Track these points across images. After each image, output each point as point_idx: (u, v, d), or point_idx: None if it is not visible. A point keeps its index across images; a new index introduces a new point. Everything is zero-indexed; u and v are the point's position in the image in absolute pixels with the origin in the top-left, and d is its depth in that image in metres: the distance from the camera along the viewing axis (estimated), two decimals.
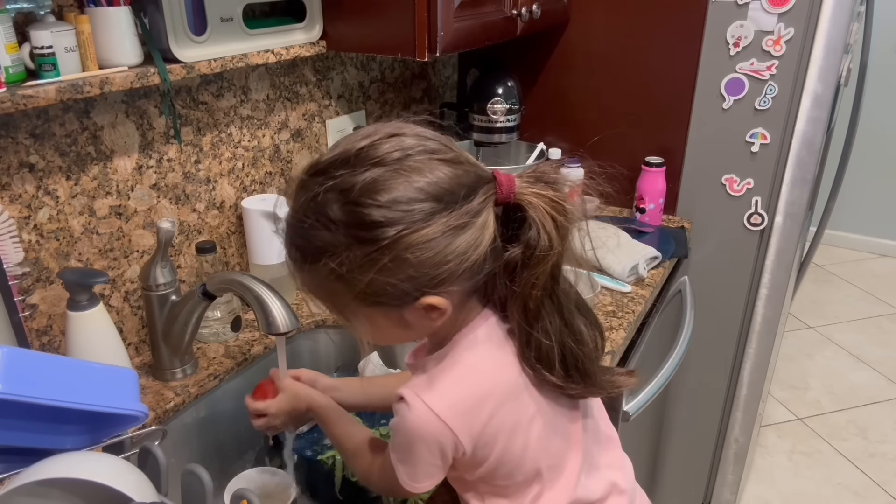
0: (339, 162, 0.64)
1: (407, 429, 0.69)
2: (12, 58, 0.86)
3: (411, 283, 0.64)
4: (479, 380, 0.71)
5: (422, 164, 0.63)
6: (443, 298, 0.66)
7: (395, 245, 0.61)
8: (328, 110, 1.44)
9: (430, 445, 0.69)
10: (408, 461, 0.72)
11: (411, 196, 0.61)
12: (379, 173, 0.62)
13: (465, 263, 0.64)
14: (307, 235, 0.65)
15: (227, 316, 1.17)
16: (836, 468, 2.23)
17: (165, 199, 1.14)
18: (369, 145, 0.63)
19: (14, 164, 0.92)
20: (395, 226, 0.61)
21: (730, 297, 1.70)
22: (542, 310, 0.69)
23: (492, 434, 0.70)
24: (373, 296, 0.65)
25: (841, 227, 3.59)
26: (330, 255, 0.63)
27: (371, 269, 0.62)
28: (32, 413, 0.68)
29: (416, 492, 0.74)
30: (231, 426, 1.14)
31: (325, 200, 0.63)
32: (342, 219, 0.62)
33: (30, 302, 0.97)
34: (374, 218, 0.61)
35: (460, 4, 1.23)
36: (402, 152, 0.63)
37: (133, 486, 0.68)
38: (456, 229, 0.62)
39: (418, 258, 0.62)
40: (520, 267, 0.67)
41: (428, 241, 0.61)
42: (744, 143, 1.54)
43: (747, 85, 1.49)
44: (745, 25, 1.45)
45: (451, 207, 0.62)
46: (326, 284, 0.67)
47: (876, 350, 2.83)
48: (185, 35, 1.04)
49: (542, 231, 0.65)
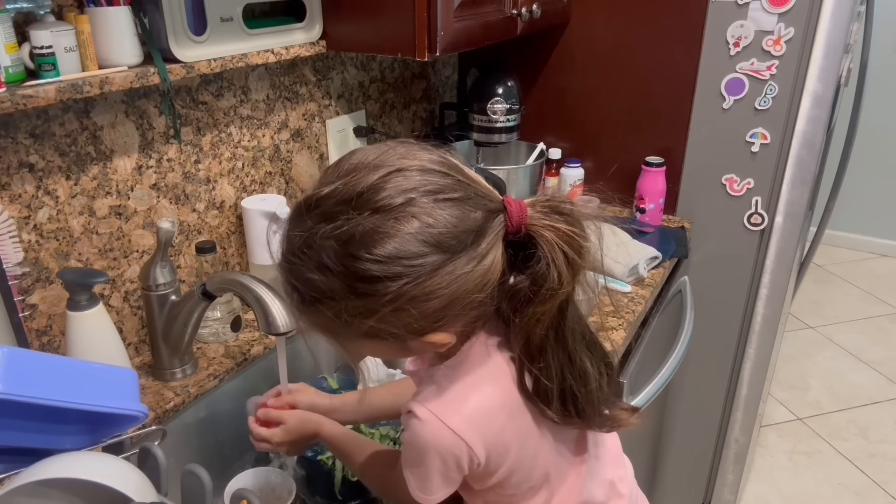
0: (338, 201, 0.59)
1: (420, 443, 0.67)
2: (12, 58, 0.86)
3: (415, 326, 0.61)
4: (491, 391, 0.69)
5: (426, 210, 0.58)
6: (446, 335, 0.64)
7: (398, 298, 0.58)
8: (328, 110, 1.44)
9: (445, 458, 0.67)
10: (421, 475, 0.70)
11: (412, 250, 0.57)
12: (379, 223, 0.57)
13: (470, 299, 0.61)
14: (303, 278, 0.61)
15: (227, 316, 1.17)
16: (836, 468, 2.23)
17: (165, 199, 1.14)
18: (370, 188, 0.59)
19: (14, 164, 0.92)
20: (397, 281, 0.58)
21: (730, 297, 1.70)
22: (546, 345, 0.66)
23: (504, 444, 0.69)
24: (375, 335, 0.62)
25: (841, 227, 3.59)
26: (328, 301, 0.60)
27: (371, 318, 0.60)
28: (32, 413, 0.68)
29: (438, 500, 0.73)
30: (231, 426, 1.14)
31: (322, 246, 0.59)
32: (339, 269, 0.58)
33: (30, 302, 0.97)
34: (373, 273, 0.57)
35: (460, 4, 1.23)
36: (404, 196, 0.58)
37: (133, 486, 0.68)
38: (462, 274, 0.59)
39: (420, 309, 0.59)
40: (525, 301, 0.63)
41: (431, 291, 0.59)
42: (744, 143, 1.54)
43: (747, 85, 1.49)
44: (745, 25, 1.45)
45: (456, 256, 0.59)
46: (327, 326, 0.64)
47: (876, 350, 2.83)
48: (184, 35, 1.04)
49: (553, 266, 0.61)
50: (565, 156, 1.70)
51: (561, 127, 1.73)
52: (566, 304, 0.65)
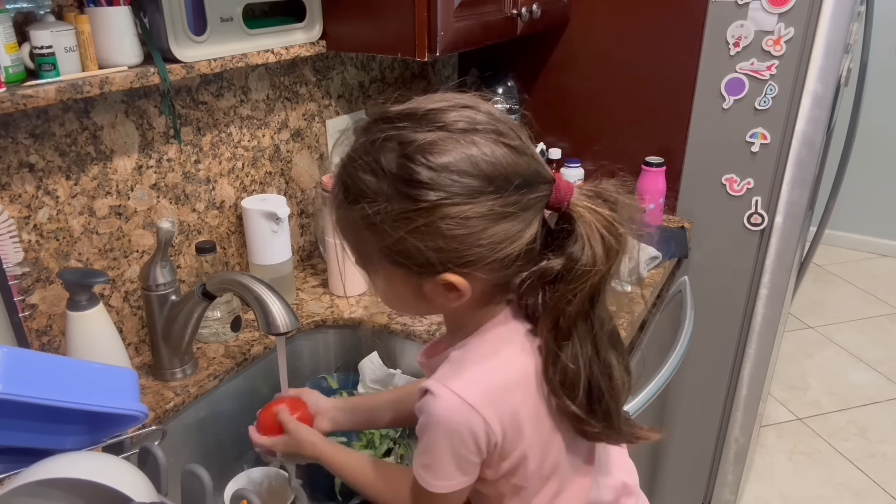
0: (405, 115, 0.63)
1: (436, 423, 0.66)
2: (12, 58, 0.86)
3: (437, 255, 0.62)
4: (506, 369, 0.69)
5: (485, 141, 0.61)
6: (464, 280, 0.64)
7: (433, 211, 0.60)
8: (328, 110, 1.44)
9: (463, 436, 0.66)
10: (439, 463, 0.68)
11: (463, 168, 0.60)
12: (440, 136, 0.61)
13: (496, 253, 0.62)
14: (354, 176, 0.64)
15: (227, 316, 1.17)
16: (836, 468, 2.23)
17: (165, 199, 1.14)
18: (439, 109, 0.63)
19: (14, 164, 0.92)
20: (438, 192, 0.60)
21: (730, 297, 1.70)
22: (574, 331, 0.66)
23: (520, 424, 0.68)
24: (397, 254, 0.63)
25: (841, 227, 3.59)
26: (369, 200, 0.62)
27: (403, 227, 0.61)
28: (32, 413, 0.68)
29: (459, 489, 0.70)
30: (231, 426, 1.14)
31: (382, 147, 0.62)
32: (392, 169, 0.61)
33: (30, 302, 0.97)
34: (421, 177, 0.60)
35: (460, 4, 1.23)
36: (469, 124, 0.62)
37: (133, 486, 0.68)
38: (498, 216, 0.61)
39: (451, 232, 0.60)
40: (558, 280, 0.65)
41: (465, 217, 0.60)
42: (744, 143, 1.54)
43: (747, 85, 1.49)
44: (745, 25, 1.45)
45: (499, 193, 0.61)
46: (357, 228, 0.65)
47: (876, 350, 2.83)
48: (184, 35, 1.04)
49: (588, 247, 0.63)
50: (565, 156, 1.70)
51: (561, 127, 1.73)
52: (597, 291, 0.66)
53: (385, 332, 1.25)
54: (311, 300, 1.32)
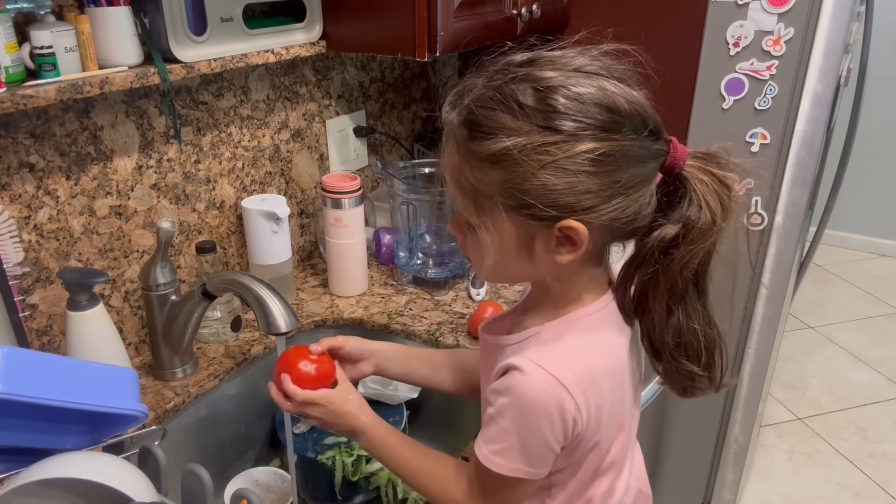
0: (533, 61, 0.63)
1: (524, 402, 0.64)
2: (12, 58, 0.86)
3: (566, 196, 0.60)
4: (599, 359, 0.68)
5: (621, 84, 0.62)
6: (584, 229, 0.62)
7: (571, 144, 0.59)
8: (328, 110, 1.44)
9: (552, 416, 0.63)
10: (518, 448, 0.65)
11: (604, 102, 0.60)
12: (580, 76, 0.61)
13: (620, 201, 0.62)
14: (487, 113, 0.61)
15: (227, 316, 1.17)
16: (836, 468, 2.23)
17: (165, 199, 1.14)
18: (566, 56, 0.64)
19: (14, 164, 0.92)
20: (578, 122, 0.59)
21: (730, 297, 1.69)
22: (686, 294, 0.67)
23: (599, 419, 0.67)
24: (524, 195, 0.61)
25: (841, 227, 3.59)
26: (506, 134, 0.60)
27: (539, 161, 0.60)
28: (32, 413, 0.68)
29: (528, 479, 0.67)
30: (231, 426, 1.14)
31: (516, 86, 0.61)
32: (531, 104, 0.60)
33: (30, 302, 0.97)
34: (562, 108, 0.59)
35: (460, 4, 1.23)
36: (605, 69, 0.63)
37: (133, 486, 0.68)
38: (631, 159, 0.61)
39: (585, 168, 0.60)
40: (676, 244, 0.64)
41: (603, 154, 0.59)
42: (744, 143, 1.54)
43: (747, 85, 1.49)
44: (745, 25, 1.45)
45: (635, 134, 0.61)
46: (484, 168, 0.62)
47: (876, 350, 2.83)
48: (185, 35, 1.04)
49: (706, 207, 0.63)
50: None
51: None
52: (710, 253, 0.66)
53: (385, 332, 1.25)
54: (311, 300, 1.32)
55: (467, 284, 1.35)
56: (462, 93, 0.64)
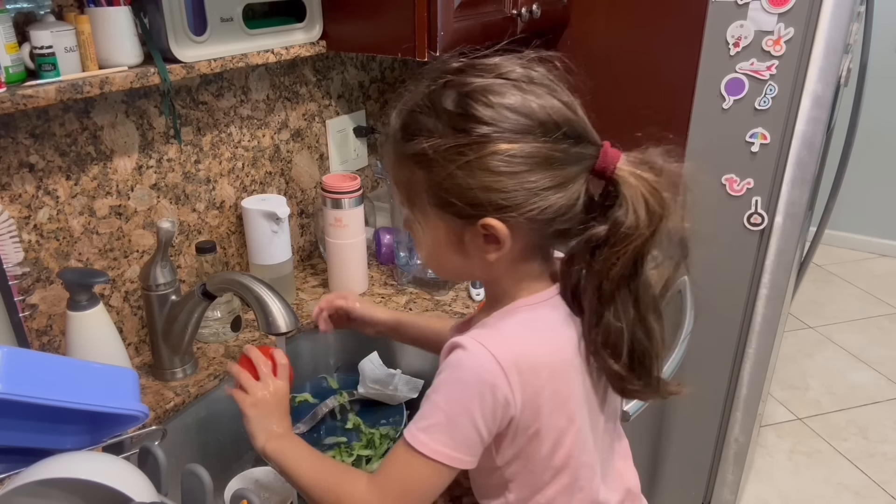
0: (464, 67, 0.67)
1: (460, 377, 0.65)
2: (12, 58, 0.86)
3: (482, 194, 0.64)
4: (539, 345, 0.69)
5: (540, 91, 0.65)
6: (504, 227, 0.65)
7: (483, 145, 0.63)
8: (328, 110, 1.44)
9: (483, 393, 0.64)
10: (448, 425, 0.65)
11: (516, 107, 0.63)
12: (497, 82, 0.65)
13: (539, 200, 0.64)
14: (415, 117, 0.67)
15: (227, 316, 1.17)
16: (836, 468, 2.23)
17: (165, 199, 1.14)
18: (497, 63, 0.67)
19: (14, 164, 0.92)
20: (490, 126, 0.63)
21: (730, 297, 1.69)
22: (617, 294, 0.68)
23: (538, 405, 0.67)
24: (445, 193, 0.65)
25: (841, 227, 3.59)
26: (426, 136, 0.65)
27: (454, 161, 0.64)
28: (32, 413, 0.68)
29: (449, 465, 0.65)
30: (231, 426, 1.14)
31: (441, 91, 0.66)
32: (450, 108, 0.64)
33: (30, 302, 0.97)
34: (476, 113, 0.63)
35: (460, 4, 1.23)
36: (526, 76, 0.66)
37: (133, 486, 0.68)
38: (543, 161, 0.63)
39: (498, 168, 0.63)
40: (603, 245, 0.66)
41: (512, 155, 0.62)
42: (744, 143, 1.54)
43: (747, 85, 1.49)
44: (745, 25, 1.45)
45: (547, 136, 0.63)
46: (411, 167, 0.68)
47: (876, 350, 2.83)
48: (185, 35, 1.04)
49: (632, 211, 0.64)
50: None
51: None
52: (641, 255, 0.67)
53: None
54: (311, 300, 1.32)
55: (467, 284, 1.35)
56: (405, 97, 0.69)
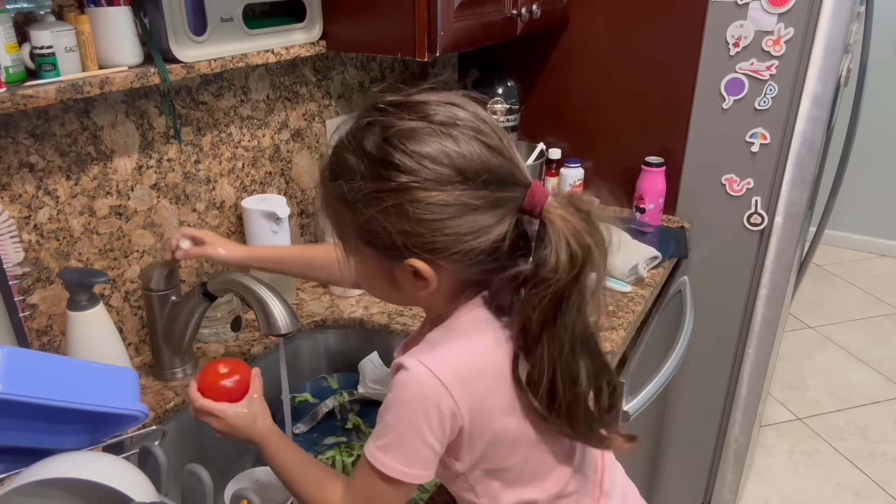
0: (394, 105, 0.66)
1: (405, 396, 0.66)
2: (12, 58, 0.86)
3: (403, 238, 0.64)
4: (478, 355, 0.69)
5: (462, 136, 0.64)
6: (429, 268, 0.66)
7: (401, 193, 0.63)
8: (328, 110, 1.44)
9: (428, 411, 0.65)
10: (401, 443, 0.67)
11: (436, 156, 0.62)
12: (420, 126, 0.64)
13: (461, 244, 0.64)
14: (340, 155, 0.67)
15: (227, 316, 1.17)
16: (836, 468, 2.23)
17: (165, 199, 1.14)
18: (425, 102, 0.66)
19: (14, 164, 0.92)
20: (409, 175, 0.62)
21: (730, 297, 1.70)
22: (542, 334, 0.67)
23: (487, 410, 0.68)
24: (369, 234, 0.66)
25: (841, 227, 3.59)
26: (347, 178, 0.65)
27: (374, 206, 0.64)
28: (32, 413, 0.68)
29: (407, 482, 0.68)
30: None
31: (367, 131, 0.65)
32: (370, 151, 0.64)
33: (30, 302, 0.97)
34: (394, 160, 0.63)
35: (460, 4, 1.23)
36: (449, 118, 0.65)
37: (133, 486, 0.68)
38: (462, 208, 0.63)
39: (418, 216, 0.63)
40: (526, 284, 0.66)
41: (432, 203, 0.62)
42: (744, 143, 1.54)
43: (747, 85, 1.49)
44: (745, 25, 1.45)
45: (467, 185, 0.63)
46: (336, 206, 0.68)
47: (876, 350, 2.83)
48: (185, 35, 1.04)
49: (554, 253, 0.64)
50: (565, 156, 1.70)
51: (561, 127, 1.73)
52: (563, 298, 0.66)
53: (385, 332, 1.25)
54: (311, 300, 1.32)
55: None
56: (338, 128, 0.69)
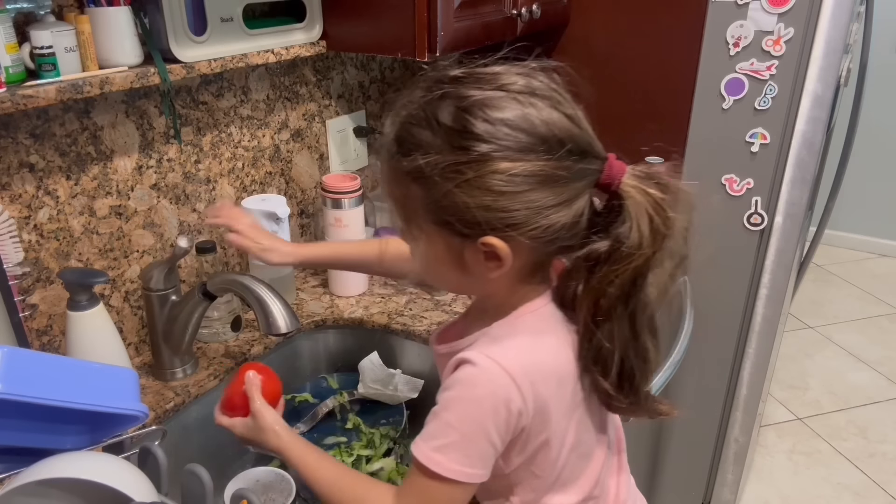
0: (464, 76, 0.64)
1: (474, 394, 0.64)
2: (12, 58, 0.86)
3: (482, 213, 0.61)
4: (547, 354, 0.68)
5: (542, 104, 0.62)
6: (506, 246, 0.63)
7: (482, 164, 0.60)
8: (328, 110, 1.44)
9: (497, 408, 0.63)
10: (463, 443, 0.64)
11: (518, 124, 0.60)
12: (498, 95, 0.62)
13: (541, 219, 0.61)
14: (411, 130, 0.64)
15: (227, 316, 1.17)
16: (836, 468, 2.23)
17: (165, 199, 1.14)
18: (498, 73, 0.64)
19: (14, 164, 0.92)
20: (490, 144, 0.60)
21: (730, 296, 1.69)
22: (613, 312, 0.65)
23: (548, 411, 0.67)
24: (443, 211, 0.63)
25: (841, 227, 3.59)
26: (423, 152, 0.62)
27: (452, 179, 0.61)
28: (32, 413, 0.68)
29: (467, 482, 0.65)
30: None
31: (439, 103, 0.63)
32: (448, 123, 0.61)
33: (30, 302, 0.97)
34: (475, 129, 0.60)
35: (460, 4, 1.23)
36: (527, 87, 0.63)
37: (133, 486, 0.68)
38: (545, 179, 0.61)
39: (499, 188, 0.60)
40: (602, 261, 0.64)
41: (514, 174, 0.60)
42: (744, 143, 1.54)
43: (747, 85, 1.49)
44: (745, 25, 1.45)
45: (550, 154, 0.61)
46: (407, 183, 0.64)
47: (876, 350, 2.83)
48: (185, 35, 1.04)
49: (636, 228, 0.62)
50: None
51: None
52: (640, 275, 0.64)
53: (385, 332, 1.25)
54: (311, 300, 1.32)
55: None
56: (400, 106, 0.66)
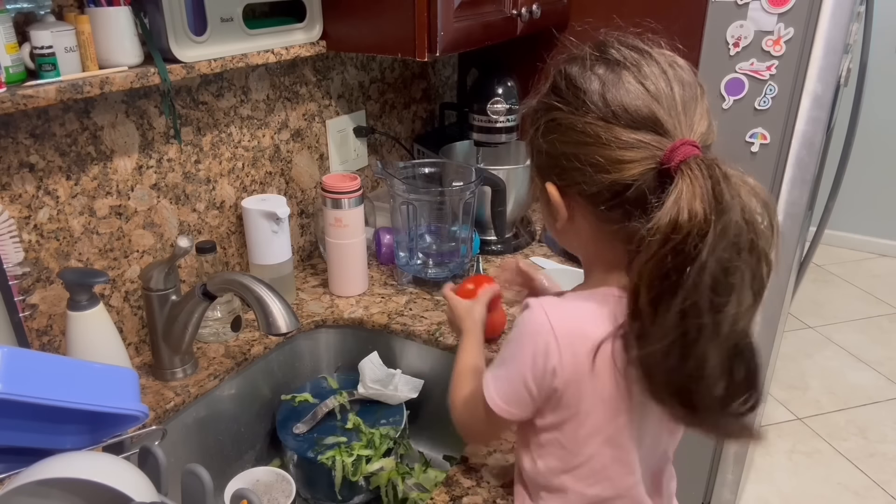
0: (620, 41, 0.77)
1: (521, 332, 0.70)
2: (12, 58, 0.86)
3: (544, 160, 0.70)
4: (596, 329, 0.66)
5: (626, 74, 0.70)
6: (556, 192, 0.69)
7: (548, 112, 0.69)
8: (328, 110, 1.44)
9: (536, 353, 0.67)
10: (507, 379, 0.71)
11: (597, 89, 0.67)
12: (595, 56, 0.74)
13: (577, 177, 0.66)
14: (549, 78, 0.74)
15: (227, 316, 1.17)
16: (836, 468, 2.23)
17: (165, 199, 1.14)
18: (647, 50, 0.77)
19: (14, 164, 0.92)
20: (561, 98, 0.69)
21: None
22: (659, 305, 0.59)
23: (582, 386, 0.67)
24: (534, 153, 0.72)
25: (841, 227, 3.59)
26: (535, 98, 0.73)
27: (534, 123, 0.71)
28: (32, 413, 0.68)
29: (499, 414, 0.72)
30: (231, 426, 1.14)
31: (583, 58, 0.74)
32: (567, 74, 0.71)
33: (30, 302, 0.97)
34: (555, 82, 0.71)
35: (460, 4, 1.23)
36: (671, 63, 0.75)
37: (133, 486, 0.68)
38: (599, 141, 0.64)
39: (560, 139, 0.67)
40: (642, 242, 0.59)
41: (575, 129, 0.66)
42: (744, 143, 1.54)
43: (747, 85, 1.49)
44: (744, 25, 1.45)
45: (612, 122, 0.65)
46: (536, 143, 0.71)
47: (876, 350, 2.83)
48: (185, 35, 1.04)
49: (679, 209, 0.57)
50: None
51: None
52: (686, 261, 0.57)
53: (385, 332, 1.25)
54: (311, 300, 1.32)
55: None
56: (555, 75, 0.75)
